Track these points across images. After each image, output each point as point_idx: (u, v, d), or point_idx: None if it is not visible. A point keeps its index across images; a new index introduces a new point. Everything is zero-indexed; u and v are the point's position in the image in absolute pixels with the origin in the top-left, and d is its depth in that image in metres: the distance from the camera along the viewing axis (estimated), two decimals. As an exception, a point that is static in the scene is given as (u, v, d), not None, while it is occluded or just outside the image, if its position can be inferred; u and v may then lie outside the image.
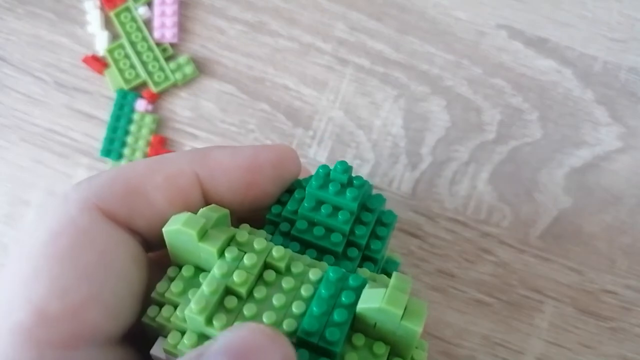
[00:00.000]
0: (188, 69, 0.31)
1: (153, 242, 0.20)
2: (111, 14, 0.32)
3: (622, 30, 0.32)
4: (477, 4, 0.32)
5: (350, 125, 0.31)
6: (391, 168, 0.30)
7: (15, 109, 0.31)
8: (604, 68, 0.31)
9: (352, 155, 0.30)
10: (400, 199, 0.29)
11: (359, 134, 0.30)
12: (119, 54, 0.31)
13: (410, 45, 0.31)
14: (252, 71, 0.31)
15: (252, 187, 0.20)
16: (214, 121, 0.31)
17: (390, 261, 0.22)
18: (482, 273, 0.28)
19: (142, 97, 0.31)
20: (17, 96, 0.31)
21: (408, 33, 0.32)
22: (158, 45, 0.32)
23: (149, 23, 0.32)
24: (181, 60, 0.31)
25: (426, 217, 0.29)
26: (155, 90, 0.31)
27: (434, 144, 0.30)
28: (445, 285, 0.28)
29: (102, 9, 0.32)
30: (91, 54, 0.31)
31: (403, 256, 0.28)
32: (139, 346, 0.19)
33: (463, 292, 0.28)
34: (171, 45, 0.32)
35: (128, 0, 0.32)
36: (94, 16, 0.32)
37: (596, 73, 0.31)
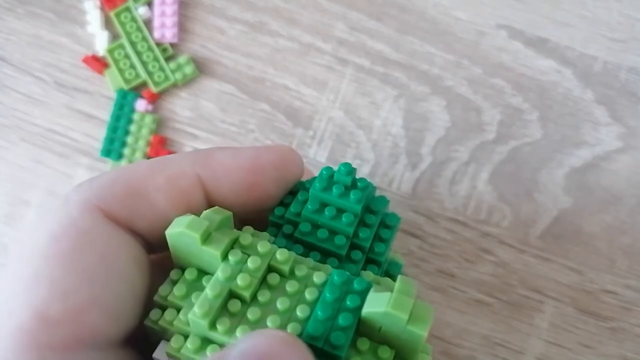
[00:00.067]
0: (188, 69, 0.31)
1: (155, 244, 0.19)
2: (111, 14, 0.32)
3: (622, 30, 0.32)
4: (477, 4, 0.32)
5: (350, 125, 0.31)
6: (391, 168, 0.30)
7: (15, 109, 0.31)
8: (604, 68, 0.31)
9: (352, 155, 0.30)
10: (400, 199, 0.29)
11: (359, 134, 0.30)
12: (119, 54, 0.31)
13: (410, 45, 0.31)
14: (252, 71, 0.31)
15: (255, 189, 0.20)
16: (214, 121, 0.31)
17: (392, 263, 0.22)
18: (482, 273, 0.28)
19: (142, 97, 0.31)
20: (17, 96, 0.31)
21: (408, 33, 0.32)
22: (158, 45, 0.32)
23: (149, 23, 0.32)
24: (181, 60, 0.31)
25: (426, 217, 0.29)
26: (155, 90, 0.31)
27: (434, 144, 0.30)
28: (445, 285, 0.28)
29: (102, 9, 0.32)
30: (91, 54, 0.31)
31: (403, 256, 0.28)
32: (141, 349, 0.18)
33: (463, 292, 0.28)
34: (171, 45, 0.32)
35: (128, 0, 0.32)
36: (94, 16, 0.32)
37: (596, 73, 0.31)
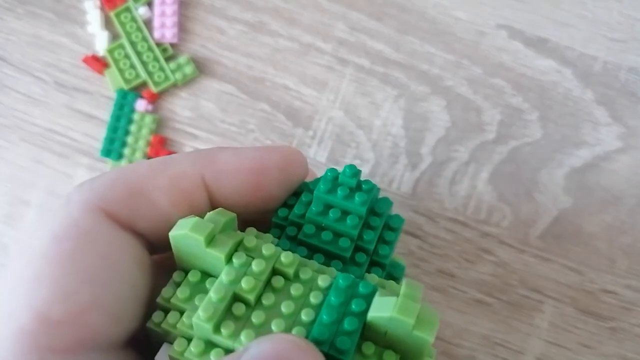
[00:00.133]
0: (188, 69, 0.31)
1: (157, 245, 0.19)
2: (111, 14, 0.32)
3: (622, 30, 0.32)
4: (477, 4, 0.32)
5: (350, 125, 0.31)
6: (391, 168, 0.30)
7: (15, 109, 0.31)
8: (604, 68, 0.31)
9: (352, 155, 0.30)
10: (400, 199, 0.29)
11: (359, 134, 0.30)
12: (119, 54, 0.31)
13: (410, 45, 0.31)
14: (252, 71, 0.31)
15: (258, 190, 0.20)
16: (214, 121, 0.31)
17: (395, 265, 0.22)
18: (482, 273, 0.28)
19: (142, 97, 0.31)
20: (17, 96, 0.31)
21: (408, 33, 0.32)
22: (158, 45, 0.32)
23: (149, 23, 0.32)
24: (181, 60, 0.31)
25: (426, 217, 0.29)
26: (155, 90, 0.31)
27: (434, 144, 0.30)
28: (445, 285, 0.28)
29: (102, 9, 0.32)
30: (91, 54, 0.31)
31: (403, 256, 0.28)
32: (142, 350, 0.18)
33: (463, 292, 0.28)
34: (171, 45, 0.32)
35: (128, 0, 0.32)
36: (94, 16, 0.32)
37: (596, 73, 0.31)
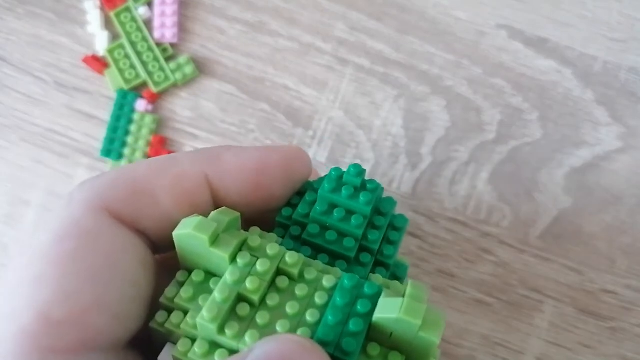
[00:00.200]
0: (188, 69, 0.31)
1: (160, 244, 0.19)
2: (111, 14, 0.32)
3: (622, 30, 0.32)
4: (477, 4, 0.32)
5: (350, 125, 0.31)
6: (391, 168, 0.30)
7: (15, 109, 0.31)
8: (604, 68, 0.31)
9: (352, 155, 0.30)
10: (400, 199, 0.29)
11: (359, 134, 0.30)
12: (119, 54, 0.31)
13: (410, 45, 0.31)
14: (252, 71, 0.31)
15: (262, 189, 0.20)
16: (214, 121, 0.31)
17: (398, 264, 0.22)
18: (482, 273, 0.28)
19: (142, 97, 0.31)
20: (17, 96, 0.31)
21: (408, 33, 0.32)
22: (158, 45, 0.32)
23: (149, 23, 0.32)
24: (181, 60, 0.31)
25: (426, 217, 0.29)
26: (155, 90, 0.31)
27: (434, 144, 0.30)
28: (445, 285, 0.28)
29: (102, 9, 0.32)
30: (91, 54, 0.31)
31: (403, 256, 0.28)
32: (144, 350, 0.18)
33: (463, 292, 0.28)
34: (171, 45, 0.32)
35: (128, 0, 0.32)
36: (94, 16, 0.32)
37: (596, 73, 0.31)
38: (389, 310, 0.16)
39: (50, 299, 0.16)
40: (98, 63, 0.31)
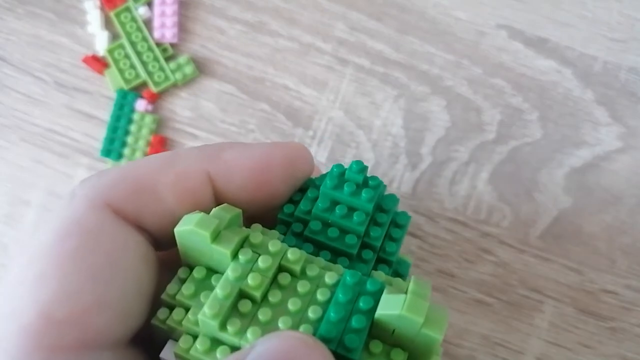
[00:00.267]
0: (188, 69, 0.31)
1: (161, 241, 0.19)
2: (111, 14, 0.32)
3: (622, 30, 0.32)
4: (477, 4, 0.32)
5: (350, 125, 0.31)
6: (391, 168, 0.30)
7: (15, 109, 0.31)
8: (604, 68, 0.31)
9: (352, 155, 0.30)
10: (400, 199, 0.29)
11: (359, 134, 0.30)
12: (119, 54, 0.31)
13: (410, 45, 0.31)
14: (252, 71, 0.31)
15: (264, 186, 0.20)
16: (214, 121, 0.31)
17: (401, 262, 0.21)
18: (482, 273, 0.28)
19: (142, 97, 0.31)
20: (17, 96, 0.31)
21: (408, 33, 0.32)
22: (158, 45, 0.32)
23: (149, 23, 0.32)
24: (181, 60, 0.31)
25: (426, 217, 0.29)
26: (155, 90, 0.31)
27: (434, 144, 0.30)
28: (445, 285, 0.28)
29: (102, 9, 0.32)
30: (91, 54, 0.31)
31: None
32: (147, 347, 0.18)
33: (463, 292, 0.28)
34: (171, 45, 0.32)
35: (128, 0, 0.32)
36: (94, 16, 0.32)
37: (596, 73, 0.31)
38: (392, 307, 0.16)
39: (51, 298, 0.16)
40: (98, 63, 0.31)
